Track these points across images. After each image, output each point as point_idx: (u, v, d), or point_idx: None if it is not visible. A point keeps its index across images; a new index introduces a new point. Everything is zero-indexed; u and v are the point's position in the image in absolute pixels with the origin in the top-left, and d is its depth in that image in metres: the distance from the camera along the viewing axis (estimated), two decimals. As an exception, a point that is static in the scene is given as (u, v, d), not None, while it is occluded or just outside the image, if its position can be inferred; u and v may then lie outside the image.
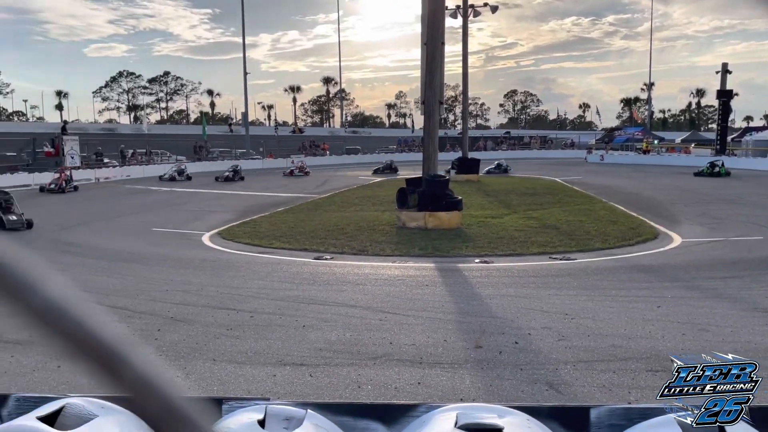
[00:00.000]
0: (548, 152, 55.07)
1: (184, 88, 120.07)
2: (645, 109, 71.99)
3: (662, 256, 11.11)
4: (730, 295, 8.12)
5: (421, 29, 15.96)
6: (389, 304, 7.80)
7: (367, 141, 66.37)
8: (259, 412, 1.88)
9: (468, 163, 30.56)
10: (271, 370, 5.48)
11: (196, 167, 40.00)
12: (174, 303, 7.88)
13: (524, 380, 5.18)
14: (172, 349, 6.06)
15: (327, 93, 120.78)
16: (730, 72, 43.33)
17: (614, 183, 26.69)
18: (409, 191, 15.29)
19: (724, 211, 17.25)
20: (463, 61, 34.93)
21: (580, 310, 7.38)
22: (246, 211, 18.53)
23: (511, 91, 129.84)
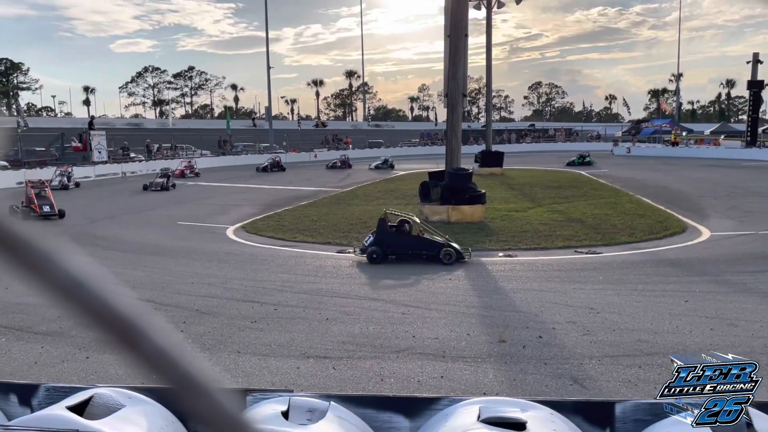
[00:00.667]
0: (573, 145, 54.37)
1: (208, 82, 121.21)
2: (673, 101, 70.69)
3: (690, 250, 10.92)
4: (760, 290, 7.96)
5: (444, 21, 15.85)
6: (412, 298, 7.80)
7: (389, 134, 66.31)
8: (283, 403, 1.90)
9: (492, 156, 30.36)
10: (295, 362, 5.52)
11: (221, 161, 40.41)
12: (199, 296, 7.98)
13: (548, 375, 5.14)
14: (197, 341, 6.14)
15: (350, 86, 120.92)
16: (761, 62, 42.28)
17: (641, 176, 26.28)
18: (432, 185, 15.24)
19: (755, 204, 16.88)
20: (486, 52, 34.67)
21: (605, 305, 7.29)
22: (270, 205, 18.66)
23: (536, 83, 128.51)
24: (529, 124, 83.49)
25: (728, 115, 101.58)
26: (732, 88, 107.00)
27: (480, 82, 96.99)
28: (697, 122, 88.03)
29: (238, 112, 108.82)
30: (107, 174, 32.41)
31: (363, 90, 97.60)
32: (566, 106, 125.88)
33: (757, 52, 41.85)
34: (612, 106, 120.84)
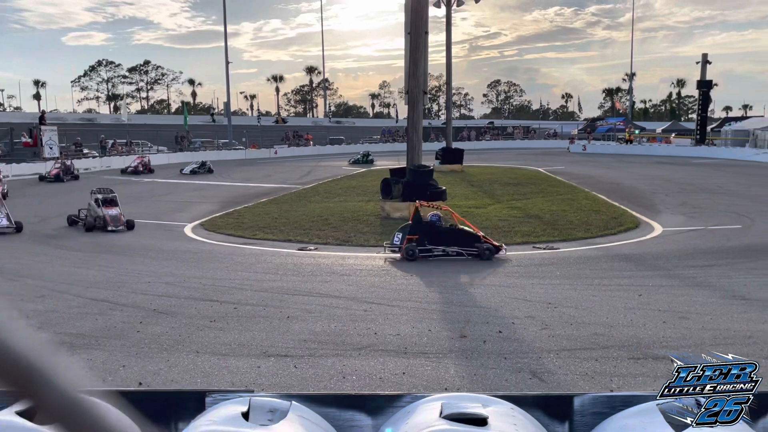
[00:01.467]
0: (531, 142, 55.29)
1: (164, 77, 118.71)
2: (626, 99, 72.56)
3: (643, 245, 11.24)
4: (710, 283, 8.24)
5: (404, 18, 15.88)
6: (374, 295, 7.81)
7: (350, 131, 66.17)
8: (243, 404, 1.87)
9: (452, 153, 30.61)
10: (255, 361, 5.46)
11: (178, 158, 39.65)
12: (156, 295, 7.81)
13: (508, 369, 5.22)
14: (154, 342, 6.01)
15: (310, 82, 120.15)
16: (710, 62, 43.73)
17: (596, 173, 26.89)
18: (393, 182, 15.28)
19: (705, 200, 17.47)
20: (446, 50, 34.92)
21: (563, 299, 7.44)
22: (229, 202, 18.41)
23: (495, 81, 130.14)
24: (488, 121, 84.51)
25: (679, 113, 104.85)
26: (682, 88, 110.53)
27: (440, 79, 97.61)
28: (650, 121, 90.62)
29: (195, 108, 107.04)
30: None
31: (324, 86, 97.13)
32: (524, 104, 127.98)
33: (705, 53, 43.28)
34: (568, 105, 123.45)
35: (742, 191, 19.61)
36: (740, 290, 7.78)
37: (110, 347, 5.89)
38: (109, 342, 6.04)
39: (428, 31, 15.48)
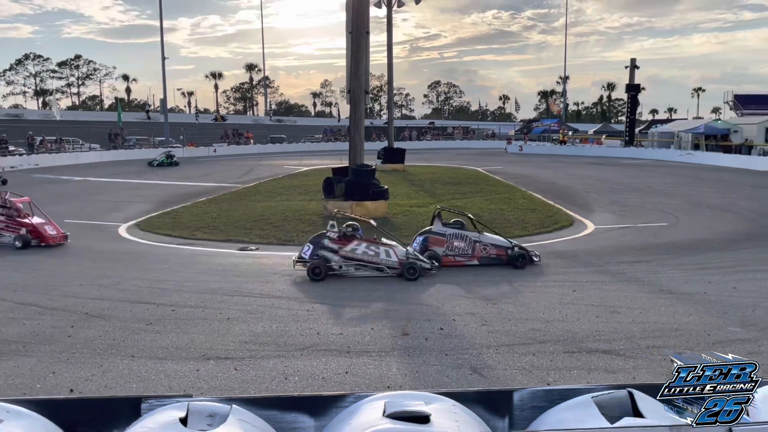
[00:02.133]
0: (471, 142, 56.26)
1: (97, 72, 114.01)
2: (560, 102, 74.84)
3: (577, 243, 11.63)
4: (639, 279, 8.61)
5: (346, 18, 15.85)
6: (317, 295, 7.76)
7: (292, 130, 65.49)
8: (181, 409, 1.83)
9: (394, 153, 30.79)
10: (194, 365, 5.33)
11: (112, 155, 38.26)
12: (89, 298, 7.52)
13: (449, 365, 5.29)
14: (87, 347, 5.78)
15: (250, 80, 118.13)
16: (638, 67, 45.60)
17: (533, 172, 27.63)
18: (336, 181, 15.25)
19: (633, 199, 18.23)
20: (387, 51, 35.05)
21: (501, 296, 7.62)
22: (166, 202, 17.90)
23: (435, 82, 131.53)
24: (429, 121, 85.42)
25: (609, 116, 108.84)
26: (612, 91, 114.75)
27: (382, 79, 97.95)
28: (582, 122, 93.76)
29: (130, 104, 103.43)
30: (-19, 169, 29.72)
31: (264, 84, 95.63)
32: (463, 105, 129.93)
33: (634, 58, 45.09)
34: (506, 106, 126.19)
35: (668, 190, 20.58)
36: (667, 285, 8.17)
37: (39, 353, 5.62)
38: (38, 348, 5.77)
39: (369, 31, 15.51)
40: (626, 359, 5.43)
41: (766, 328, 6.27)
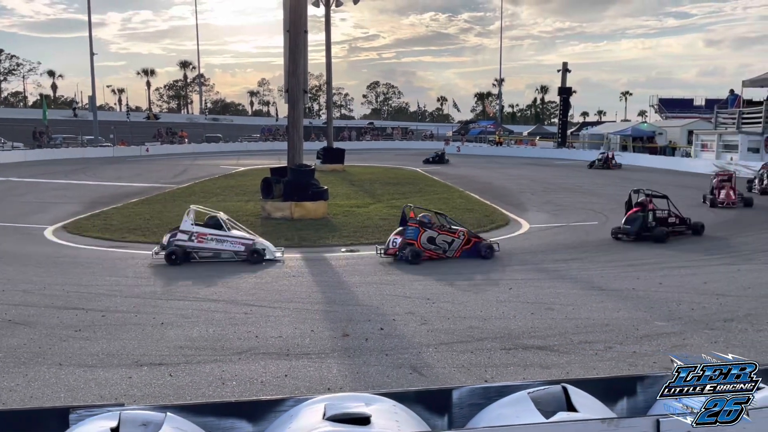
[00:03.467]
0: (410, 143, 56.75)
1: (20, 67, 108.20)
2: (496, 104, 76.52)
3: (513, 241, 11.92)
4: (572, 276, 8.91)
5: (283, 16, 15.67)
6: (255, 297, 7.64)
7: (229, 129, 64.28)
8: (113, 419, 1.76)
9: (333, 153, 30.68)
10: (127, 371, 5.14)
11: (37, 155, 36.46)
12: (12, 304, 7.13)
13: (390, 365, 5.32)
14: (10, 355, 5.48)
15: (184, 78, 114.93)
16: (570, 71, 47.18)
17: (470, 173, 28.14)
18: (274, 181, 15.06)
19: (566, 198, 18.85)
20: (326, 50, 34.88)
21: (440, 294, 7.71)
22: (95, 203, 17.20)
23: (374, 83, 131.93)
24: (368, 122, 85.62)
25: (542, 118, 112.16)
26: (545, 94, 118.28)
27: (321, 78, 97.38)
28: (517, 124, 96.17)
29: (56, 101, 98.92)
30: None
31: (199, 82, 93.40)
32: (402, 106, 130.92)
33: (565, 62, 46.64)
34: (443, 107, 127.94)
35: (598, 190, 21.38)
36: (598, 282, 8.49)
37: (-45, 365, 5.28)
38: (-46, 359, 5.42)
39: (308, 30, 15.41)
40: (560, 354, 5.60)
41: (689, 321, 6.60)
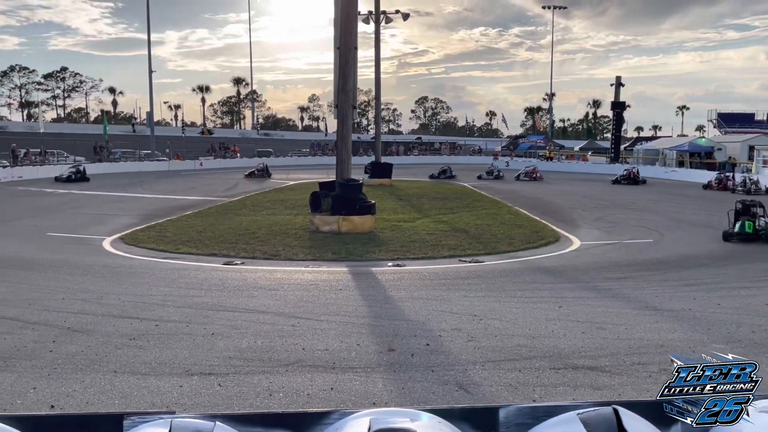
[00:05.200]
0: (457, 158, 56.59)
1: (83, 85, 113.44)
2: (547, 118, 75.62)
3: (563, 259, 11.68)
4: (624, 295, 8.66)
5: (334, 33, 15.95)
6: (302, 310, 7.72)
7: (279, 144, 65.59)
8: (164, 426, 1.80)
9: (381, 168, 30.87)
10: (178, 380, 5.26)
11: (97, 168, 37.99)
12: (71, 312, 7.41)
13: (435, 382, 5.27)
14: (68, 362, 5.69)
15: (238, 94, 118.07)
16: (623, 85, 46.34)
17: (519, 188, 27.82)
18: (323, 195, 15.23)
19: (619, 215, 18.39)
20: (375, 66, 35.30)
21: (488, 311, 7.61)
22: (151, 215, 17.77)
23: (422, 98, 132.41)
24: (416, 137, 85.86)
25: (594, 132, 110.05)
26: (598, 108, 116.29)
27: (369, 94, 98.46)
28: (568, 139, 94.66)
29: (116, 117, 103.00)
30: (-37, 180, 29.43)
31: (252, 98, 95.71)
32: (450, 121, 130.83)
33: (619, 76, 45.89)
34: (492, 122, 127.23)
35: (653, 207, 20.79)
36: (652, 301, 8.22)
37: (20, 368, 5.52)
38: (19, 363, 5.66)
39: (357, 47, 15.63)
40: (612, 376, 5.44)
41: (750, 344, 6.31)
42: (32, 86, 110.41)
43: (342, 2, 15.01)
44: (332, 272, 10.15)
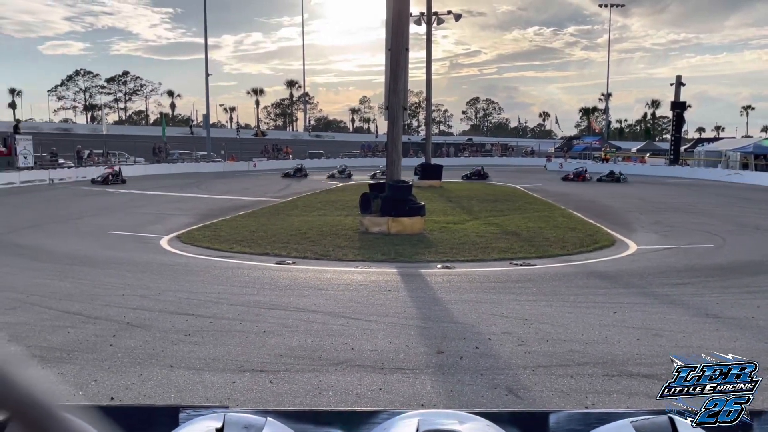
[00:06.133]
0: (509, 159, 55.94)
1: (143, 88, 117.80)
2: (602, 119, 73.81)
3: (618, 263, 11.37)
4: (683, 301, 8.36)
5: (385, 35, 16.02)
6: (351, 310, 7.78)
7: (330, 145, 66.30)
8: (218, 420, 1.85)
9: (431, 169, 30.79)
10: (231, 376, 5.39)
11: (156, 169, 39.25)
12: (130, 308, 7.69)
13: (484, 385, 5.22)
14: (127, 356, 5.91)
15: (290, 96, 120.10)
16: (684, 84, 44.75)
17: (572, 190, 27.24)
18: (373, 196, 15.31)
19: (677, 219, 17.77)
20: (426, 67, 35.21)
21: (539, 316, 7.49)
22: (206, 215, 18.25)
23: (474, 99, 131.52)
24: (467, 138, 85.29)
25: (653, 133, 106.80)
26: (657, 109, 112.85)
27: (420, 95, 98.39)
28: (625, 140, 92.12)
29: (174, 119, 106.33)
30: (33, 180, 30.90)
31: (304, 100, 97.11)
32: (502, 122, 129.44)
33: (680, 75, 44.35)
34: (545, 123, 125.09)
35: (714, 211, 20.01)
36: (713, 308, 7.91)
37: (82, 361, 5.77)
38: (81, 355, 5.92)
39: (409, 48, 15.64)
40: (668, 384, 5.26)
41: (818, 355, 6.00)
42: (96, 90, 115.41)
43: (394, 4, 15.05)
44: (381, 273, 10.19)
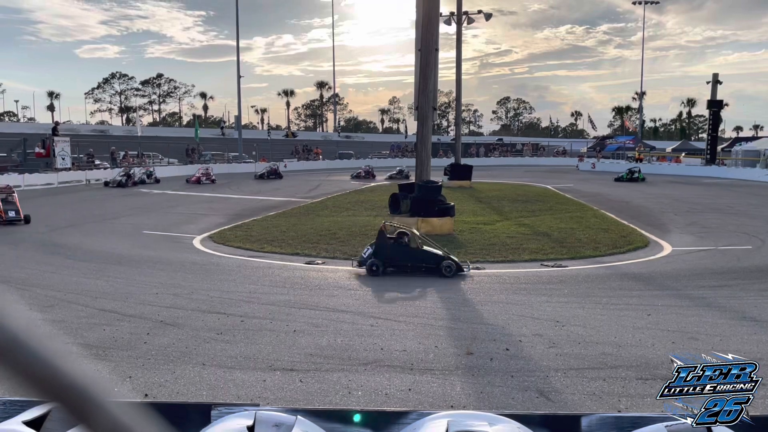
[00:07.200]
0: (540, 159, 55.31)
1: (177, 90, 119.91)
2: (636, 118, 72.53)
3: (652, 265, 11.16)
4: (720, 304, 8.16)
5: (415, 35, 16.01)
6: (380, 310, 7.79)
7: (360, 146, 66.45)
8: (249, 418, 1.87)
9: (460, 170, 30.63)
10: (261, 375, 5.45)
11: (189, 170, 39.90)
12: (164, 306, 7.83)
13: (515, 387, 5.18)
14: (161, 353, 6.02)
15: (320, 97, 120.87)
16: (721, 82, 43.70)
17: (605, 191, 26.82)
18: (402, 197, 15.30)
19: (714, 220, 17.36)
20: (456, 67, 35.07)
21: (571, 318, 7.39)
22: (238, 215, 18.47)
23: (504, 98, 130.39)
24: (497, 138, 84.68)
25: (689, 133, 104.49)
26: (692, 107, 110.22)
27: (450, 95, 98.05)
28: (659, 140, 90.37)
29: (207, 121, 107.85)
30: (71, 181, 31.69)
31: (334, 101, 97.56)
32: (533, 122, 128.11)
33: (716, 73, 43.30)
34: (578, 123, 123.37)
35: (752, 211, 19.48)
36: (750, 311, 7.70)
37: (117, 358, 5.90)
38: (116, 353, 6.05)
39: (438, 48, 15.60)
40: (705, 389, 5.14)
41: None
42: (131, 92, 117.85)
43: (423, 4, 15.03)
44: (411, 273, 10.17)
